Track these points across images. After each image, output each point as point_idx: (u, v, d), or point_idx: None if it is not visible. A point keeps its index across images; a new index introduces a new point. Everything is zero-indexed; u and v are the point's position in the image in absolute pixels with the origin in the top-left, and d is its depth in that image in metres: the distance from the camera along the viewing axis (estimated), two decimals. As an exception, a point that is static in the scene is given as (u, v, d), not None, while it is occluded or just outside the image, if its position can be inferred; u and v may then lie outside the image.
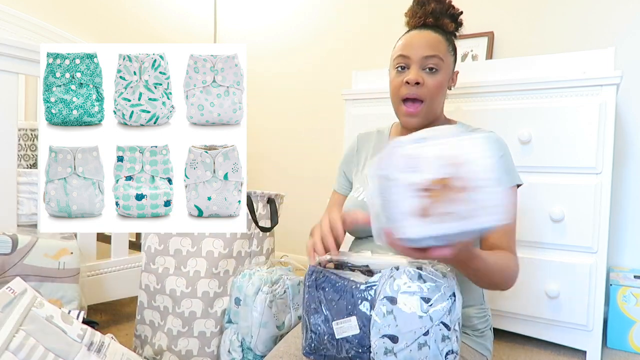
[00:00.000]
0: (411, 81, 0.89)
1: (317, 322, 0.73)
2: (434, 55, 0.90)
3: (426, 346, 0.66)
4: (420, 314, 0.66)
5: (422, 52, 0.90)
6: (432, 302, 0.66)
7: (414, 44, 0.91)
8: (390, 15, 2.23)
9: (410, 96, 0.90)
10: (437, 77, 0.90)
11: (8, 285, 0.89)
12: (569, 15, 1.81)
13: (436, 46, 0.90)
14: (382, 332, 0.67)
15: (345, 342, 0.70)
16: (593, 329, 1.34)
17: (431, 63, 0.90)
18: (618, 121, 1.68)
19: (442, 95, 0.93)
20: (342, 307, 0.71)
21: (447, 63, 0.92)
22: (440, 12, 0.93)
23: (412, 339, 0.66)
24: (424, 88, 0.90)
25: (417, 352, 0.66)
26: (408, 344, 0.66)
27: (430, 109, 0.92)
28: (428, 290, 0.67)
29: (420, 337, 0.66)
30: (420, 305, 0.66)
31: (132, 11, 2.59)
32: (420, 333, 0.66)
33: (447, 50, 0.92)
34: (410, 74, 0.90)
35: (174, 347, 1.19)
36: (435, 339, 0.66)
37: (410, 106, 0.91)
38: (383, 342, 0.67)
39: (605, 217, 1.30)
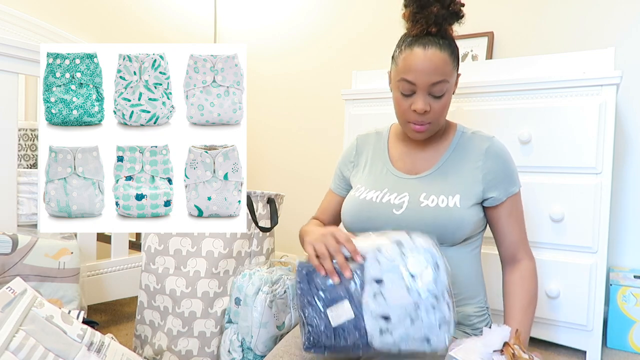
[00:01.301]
0: (419, 111, 0.87)
1: (312, 314, 0.73)
2: (441, 80, 0.86)
3: (419, 320, 0.68)
4: (407, 289, 0.69)
5: (429, 80, 0.85)
6: (416, 276, 0.69)
7: (420, 70, 0.85)
8: (391, 16, 2.23)
9: (418, 123, 0.89)
10: (443, 100, 0.88)
11: (8, 285, 0.89)
12: (569, 15, 1.81)
13: (443, 70, 0.85)
14: (375, 313, 0.69)
15: (342, 330, 0.71)
16: (593, 329, 1.34)
17: (437, 90, 0.86)
18: (618, 121, 1.68)
19: (447, 110, 0.92)
20: (334, 295, 0.72)
21: (452, 78, 0.89)
22: (443, 17, 0.86)
23: (404, 315, 0.68)
24: (431, 114, 0.88)
25: (411, 327, 0.68)
26: (401, 320, 0.69)
27: (436, 126, 0.92)
28: (412, 265, 0.69)
29: (412, 312, 0.68)
30: (406, 280, 0.69)
31: (132, 11, 2.59)
32: (411, 308, 0.68)
33: (452, 69, 0.88)
34: (418, 103, 0.86)
35: (174, 347, 1.19)
36: (427, 311, 0.68)
37: (418, 126, 0.90)
38: (377, 322, 0.69)
39: (605, 217, 1.30)
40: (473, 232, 0.91)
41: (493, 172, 0.91)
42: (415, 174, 0.95)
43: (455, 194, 0.88)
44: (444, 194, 0.89)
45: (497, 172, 0.91)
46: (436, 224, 0.87)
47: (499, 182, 0.91)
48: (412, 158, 0.97)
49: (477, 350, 0.67)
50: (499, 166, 0.91)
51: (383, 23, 2.26)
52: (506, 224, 0.93)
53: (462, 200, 0.88)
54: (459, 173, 0.91)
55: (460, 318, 0.89)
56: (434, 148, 0.96)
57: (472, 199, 0.89)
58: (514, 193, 0.92)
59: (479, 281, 0.94)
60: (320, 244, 0.77)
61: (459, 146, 0.95)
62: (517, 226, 0.94)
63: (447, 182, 0.91)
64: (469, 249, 0.92)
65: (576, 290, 1.35)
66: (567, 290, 1.36)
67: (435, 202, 0.88)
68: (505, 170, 0.92)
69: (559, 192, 1.36)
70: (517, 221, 0.94)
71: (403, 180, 0.94)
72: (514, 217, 0.93)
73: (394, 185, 0.94)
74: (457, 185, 0.90)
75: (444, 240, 0.88)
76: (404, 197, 0.91)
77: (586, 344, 1.36)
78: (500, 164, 0.91)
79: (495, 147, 0.93)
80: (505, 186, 0.91)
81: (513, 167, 0.94)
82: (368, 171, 1.01)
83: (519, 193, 0.94)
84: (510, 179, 0.92)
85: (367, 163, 1.03)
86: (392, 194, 0.92)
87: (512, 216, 0.93)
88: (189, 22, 2.80)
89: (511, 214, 0.93)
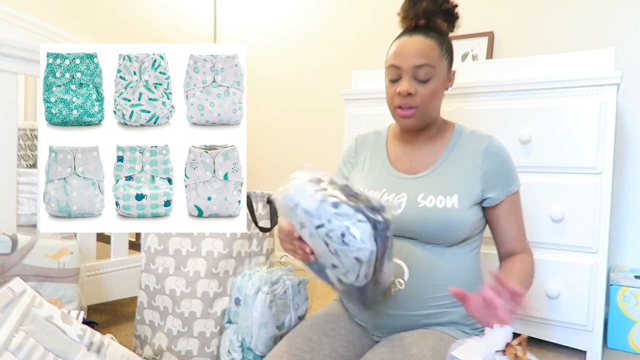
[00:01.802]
0: (403, 92, 0.89)
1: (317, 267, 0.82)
2: (424, 64, 0.88)
3: (337, 253, 0.73)
4: (324, 243, 0.74)
5: (413, 62, 0.88)
6: (323, 226, 0.72)
7: (405, 53, 0.89)
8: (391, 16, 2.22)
9: (404, 105, 0.90)
10: (430, 85, 0.89)
11: (8, 285, 0.89)
12: (569, 15, 1.81)
13: (427, 54, 0.88)
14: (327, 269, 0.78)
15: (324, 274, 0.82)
16: (593, 329, 1.34)
17: (423, 73, 0.89)
18: (618, 121, 1.68)
19: (436, 100, 0.92)
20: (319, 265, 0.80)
21: (440, 68, 0.91)
22: (433, 12, 0.91)
23: (328, 256, 0.74)
24: (416, 97, 0.89)
25: (336, 257, 0.73)
26: (329, 260, 0.75)
27: (424, 113, 0.92)
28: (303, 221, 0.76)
29: (331, 253, 0.73)
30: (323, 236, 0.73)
31: (132, 11, 2.59)
32: (327, 250, 0.73)
33: (439, 56, 0.90)
34: (402, 85, 0.89)
35: (173, 348, 1.19)
36: (332, 239, 0.71)
37: (405, 110, 0.91)
38: (332, 272, 0.78)
39: (605, 217, 1.30)
40: (472, 233, 0.91)
41: (491, 171, 0.91)
42: (414, 174, 0.95)
43: (453, 194, 0.88)
44: (442, 194, 0.89)
45: (495, 172, 0.91)
46: (435, 224, 0.87)
47: (498, 182, 0.91)
48: (410, 158, 0.97)
49: (479, 350, 0.67)
50: (497, 165, 0.91)
51: (383, 23, 2.26)
52: (506, 224, 0.93)
53: (461, 200, 0.88)
54: (457, 173, 0.91)
55: (459, 318, 0.89)
56: (432, 148, 0.96)
57: (471, 199, 0.89)
58: (513, 192, 0.92)
59: (478, 281, 0.94)
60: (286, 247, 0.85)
61: (457, 146, 0.95)
62: (516, 225, 0.94)
63: (445, 182, 0.91)
64: (468, 249, 0.92)
65: (576, 291, 1.35)
66: (567, 290, 1.36)
67: (433, 202, 0.88)
68: (503, 169, 0.92)
69: (559, 192, 1.36)
70: (516, 220, 0.94)
71: (401, 180, 0.94)
72: (514, 216, 0.93)
73: (392, 185, 0.94)
74: (456, 185, 0.90)
75: (443, 241, 0.88)
76: (402, 197, 0.91)
77: (586, 344, 1.36)
78: (498, 163, 0.91)
79: (494, 146, 0.93)
80: (504, 185, 0.91)
81: (512, 166, 0.94)
82: (367, 171, 1.01)
83: (518, 192, 0.94)
84: (508, 178, 0.92)
85: (366, 163, 1.03)
86: (391, 193, 0.92)
87: (512, 215, 0.93)
88: (189, 22, 2.80)
89: (510, 213, 0.93)
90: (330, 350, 0.86)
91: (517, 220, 0.94)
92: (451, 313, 0.89)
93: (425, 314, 0.88)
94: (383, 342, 0.86)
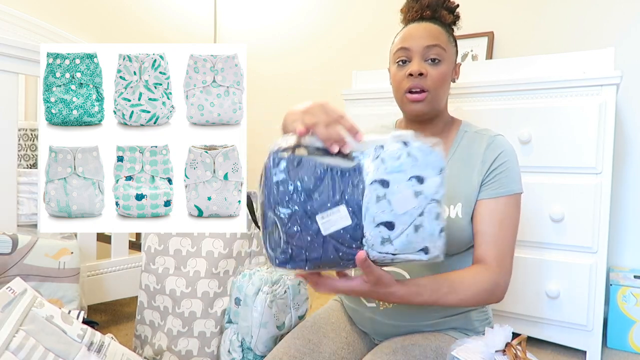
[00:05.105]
0: (414, 72, 0.85)
1: (294, 218, 0.60)
2: (435, 44, 0.86)
3: (422, 227, 0.61)
4: (414, 193, 0.61)
5: (424, 42, 0.86)
6: (425, 179, 0.61)
7: (414, 35, 0.87)
8: (391, 15, 2.23)
9: (414, 88, 0.86)
10: (441, 67, 0.87)
11: (8, 285, 0.89)
12: (569, 15, 1.81)
13: (437, 36, 0.87)
14: (377, 220, 0.60)
15: (331, 239, 0.60)
16: (593, 329, 1.34)
17: (433, 53, 0.86)
18: (618, 121, 1.68)
19: (446, 86, 0.90)
20: (325, 197, 0.60)
21: (450, 53, 0.89)
22: (437, 5, 0.91)
23: (409, 222, 0.60)
24: (427, 79, 0.86)
25: (414, 235, 0.61)
26: (405, 229, 0.60)
27: (434, 98, 0.88)
28: (419, 167, 0.61)
29: (416, 218, 0.61)
30: (414, 183, 0.61)
31: (132, 11, 2.59)
32: (416, 214, 0.60)
33: (448, 41, 0.89)
34: (413, 65, 0.86)
35: (174, 347, 1.19)
36: (430, 218, 0.61)
37: (415, 94, 0.87)
38: (379, 231, 0.60)
39: (605, 217, 1.30)
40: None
41: (488, 171, 0.86)
42: None
43: (457, 203, 0.85)
44: (446, 203, 0.85)
45: (491, 171, 0.86)
46: None
47: (490, 181, 0.85)
48: None
49: (479, 350, 0.67)
50: (495, 165, 0.86)
51: (383, 23, 2.26)
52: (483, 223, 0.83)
53: (464, 208, 0.85)
54: (460, 178, 0.87)
55: (463, 323, 0.89)
56: None
57: (473, 206, 0.86)
58: (503, 195, 0.84)
59: None
60: (309, 116, 0.65)
61: (460, 148, 0.91)
62: (497, 231, 0.82)
63: (448, 190, 0.87)
64: (471, 257, 0.89)
65: (576, 290, 1.35)
66: (567, 290, 1.36)
67: None
68: (500, 168, 0.86)
69: (559, 192, 1.36)
70: (500, 227, 0.83)
71: None
72: (497, 220, 0.83)
73: None
74: (459, 192, 0.86)
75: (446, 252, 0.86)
76: None
77: (586, 344, 1.36)
78: (497, 163, 0.86)
79: (494, 146, 0.88)
80: (496, 184, 0.85)
81: (511, 167, 0.86)
82: None
83: (514, 199, 0.85)
84: (503, 179, 0.85)
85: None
86: None
87: (495, 218, 0.83)
88: (189, 22, 2.80)
89: (493, 215, 0.83)
90: (330, 353, 0.86)
91: (501, 227, 0.83)
92: (453, 321, 0.88)
93: (427, 324, 0.87)
94: (385, 344, 0.85)
